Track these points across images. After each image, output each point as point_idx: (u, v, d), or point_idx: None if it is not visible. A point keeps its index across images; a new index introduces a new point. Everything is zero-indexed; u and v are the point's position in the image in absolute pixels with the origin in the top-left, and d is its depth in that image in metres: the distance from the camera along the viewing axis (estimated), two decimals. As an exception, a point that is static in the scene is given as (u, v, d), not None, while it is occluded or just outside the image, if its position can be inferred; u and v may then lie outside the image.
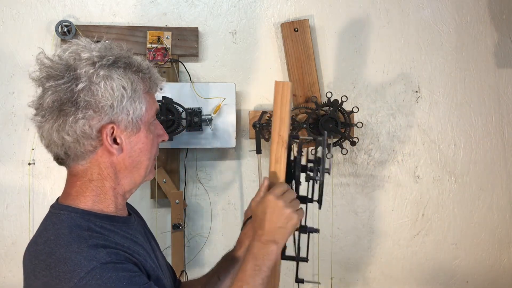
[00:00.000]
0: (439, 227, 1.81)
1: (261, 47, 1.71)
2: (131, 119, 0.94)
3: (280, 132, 1.09)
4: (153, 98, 1.01)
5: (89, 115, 0.91)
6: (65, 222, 0.94)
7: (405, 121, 1.78)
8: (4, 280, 1.62)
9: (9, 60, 1.61)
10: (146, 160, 1.00)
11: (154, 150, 1.02)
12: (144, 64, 0.98)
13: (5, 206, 1.62)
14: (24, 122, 1.62)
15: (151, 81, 0.99)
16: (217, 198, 1.71)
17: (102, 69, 0.91)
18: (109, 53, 0.94)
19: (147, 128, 0.98)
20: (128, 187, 1.01)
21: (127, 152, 0.97)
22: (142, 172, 1.01)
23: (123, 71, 0.93)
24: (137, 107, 0.95)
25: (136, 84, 0.95)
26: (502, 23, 1.80)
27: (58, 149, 0.96)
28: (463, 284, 1.83)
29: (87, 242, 0.89)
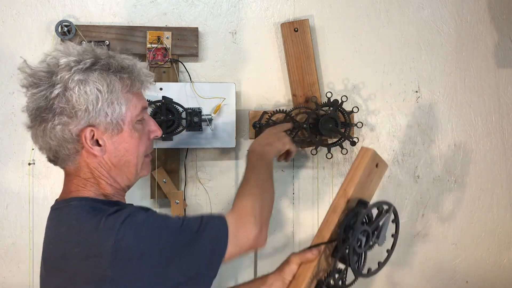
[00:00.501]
0: (439, 227, 1.81)
1: (261, 47, 1.71)
2: (110, 120, 0.96)
3: (346, 188, 1.12)
4: (138, 96, 1.01)
5: (65, 120, 0.94)
6: (79, 207, 0.96)
7: (405, 121, 1.78)
8: (4, 280, 1.62)
9: (9, 60, 1.61)
10: (133, 159, 1.01)
11: (142, 147, 1.03)
12: (125, 63, 0.99)
13: (5, 206, 1.62)
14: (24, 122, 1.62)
15: (133, 79, 0.99)
16: (217, 198, 1.71)
17: (77, 73, 0.93)
18: (87, 56, 0.95)
19: (131, 127, 1.00)
20: (123, 183, 1.04)
21: (111, 152, 0.99)
22: (132, 169, 1.02)
23: (99, 73, 0.95)
24: (116, 108, 0.96)
25: (113, 85, 0.96)
26: (502, 23, 1.80)
27: (47, 152, 1.00)
28: (463, 284, 1.83)
29: (110, 209, 0.93)
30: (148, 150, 1.06)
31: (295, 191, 1.74)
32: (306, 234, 1.75)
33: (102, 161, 0.99)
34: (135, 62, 1.01)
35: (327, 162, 1.73)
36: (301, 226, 1.74)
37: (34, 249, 1.62)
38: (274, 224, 1.73)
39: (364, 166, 1.12)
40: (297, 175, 1.74)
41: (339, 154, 1.69)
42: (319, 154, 1.69)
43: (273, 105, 1.71)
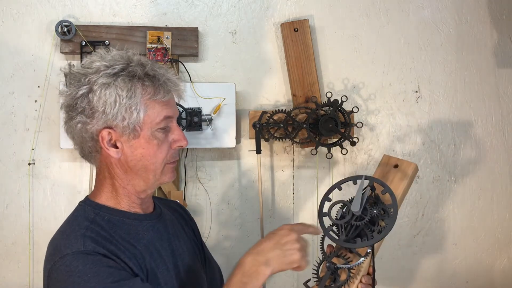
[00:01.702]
0: (439, 227, 1.81)
1: (261, 47, 1.71)
2: (127, 125, 1.00)
3: None
4: (163, 105, 1.03)
5: (84, 120, 1.00)
6: (77, 212, 1.05)
7: (405, 121, 1.78)
8: (4, 280, 1.62)
9: (9, 60, 1.61)
10: (150, 165, 1.04)
11: (161, 155, 1.04)
12: (152, 72, 1.02)
13: (5, 206, 1.62)
14: (24, 122, 1.62)
15: (157, 87, 1.02)
16: (217, 198, 1.71)
17: (104, 77, 0.98)
18: (119, 62, 1.01)
19: (149, 134, 1.02)
20: (139, 188, 1.06)
21: (127, 155, 1.03)
22: (149, 175, 1.05)
23: (122, 79, 0.99)
24: (133, 113, 1.00)
25: (133, 91, 0.99)
26: (502, 23, 1.80)
27: (76, 146, 1.07)
28: (463, 284, 1.83)
29: (78, 231, 0.99)
30: (171, 158, 1.07)
31: (295, 191, 1.74)
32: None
33: (119, 162, 1.03)
34: (163, 72, 1.04)
35: (327, 162, 1.73)
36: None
37: (34, 249, 1.63)
38: (274, 224, 1.73)
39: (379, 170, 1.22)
40: (297, 175, 1.74)
41: (339, 154, 1.69)
42: (319, 154, 1.69)
43: (273, 105, 1.71)
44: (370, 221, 1.11)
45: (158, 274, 1.04)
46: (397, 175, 1.19)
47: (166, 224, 1.15)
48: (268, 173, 1.73)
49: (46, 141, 1.62)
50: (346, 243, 1.11)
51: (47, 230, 1.63)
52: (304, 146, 1.68)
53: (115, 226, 1.03)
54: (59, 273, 0.94)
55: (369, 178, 1.14)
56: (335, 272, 1.12)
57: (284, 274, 1.74)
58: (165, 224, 1.14)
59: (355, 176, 1.16)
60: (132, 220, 1.06)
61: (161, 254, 1.07)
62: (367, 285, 1.11)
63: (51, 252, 0.98)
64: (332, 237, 1.13)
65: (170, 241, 1.12)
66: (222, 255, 1.69)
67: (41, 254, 1.61)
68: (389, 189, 1.12)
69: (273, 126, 1.61)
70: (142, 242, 1.04)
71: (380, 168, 1.23)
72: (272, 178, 1.73)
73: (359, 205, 1.09)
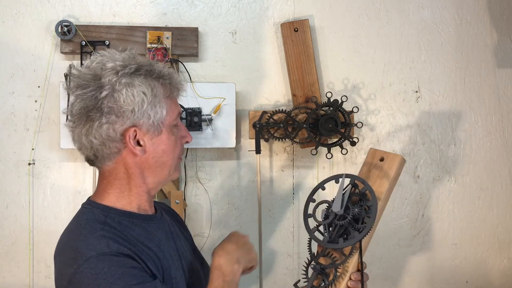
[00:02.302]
0: (439, 227, 1.81)
1: (261, 47, 1.71)
2: (152, 122, 1.02)
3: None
4: (175, 102, 1.08)
5: (112, 119, 1.00)
6: (85, 215, 1.04)
7: (405, 121, 1.78)
8: (4, 280, 1.62)
9: (9, 60, 1.61)
10: (169, 160, 1.07)
11: (177, 150, 1.08)
12: (165, 71, 1.05)
13: (5, 206, 1.62)
14: (24, 122, 1.62)
15: (172, 86, 1.07)
16: (217, 198, 1.71)
17: (124, 77, 1.00)
18: (132, 62, 1.03)
19: (169, 130, 1.05)
20: (152, 185, 1.08)
21: (150, 153, 1.04)
22: (165, 171, 1.07)
23: (144, 78, 1.01)
24: (158, 111, 1.02)
25: (156, 89, 1.02)
26: (502, 23, 1.80)
27: (88, 151, 1.04)
28: (463, 284, 1.83)
29: (96, 233, 0.97)
30: (181, 154, 1.12)
31: (295, 191, 1.74)
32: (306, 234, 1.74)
33: (139, 161, 1.04)
34: (171, 71, 1.08)
35: (327, 162, 1.73)
36: (301, 226, 1.74)
37: (34, 249, 1.63)
38: (274, 224, 1.73)
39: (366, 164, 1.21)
40: (297, 175, 1.74)
41: (339, 154, 1.69)
42: (319, 154, 1.69)
43: (273, 105, 1.71)
44: (354, 219, 1.10)
45: (171, 274, 1.05)
46: (383, 170, 1.18)
47: (168, 224, 1.15)
48: (268, 173, 1.73)
49: (46, 141, 1.62)
50: (329, 244, 1.11)
51: (47, 230, 1.63)
52: (304, 146, 1.68)
53: (126, 227, 1.02)
54: (84, 276, 0.92)
55: (350, 176, 1.14)
56: (322, 272, 1.12)
57: (284, 274, 1.74)
58: (167, 225, 1.14)
59: (336, 175, 1.16)
60: (141, 221, 1.05)
61: (170, 254, 1.08)
62: (356, 281, 1.12)
63: (71, 256, 0.95)
64: (316, 238, 1.14)
65: (174, 241, 1.13)
66: (222, 255, 1.69)
67: (41, 254, 1.62)
68: (369, 186, 1.11)
69: (273, 126, 1.61)
70: (154, 243, 1.05)
71: (367, 163, 1.22)
72: (272, 178, 1.73)
73: (340, 205, 1.10)
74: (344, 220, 1.10)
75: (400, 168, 1.19)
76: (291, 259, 1.75)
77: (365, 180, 1.13)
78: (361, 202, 1.12)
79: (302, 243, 1.75)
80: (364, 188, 1.12)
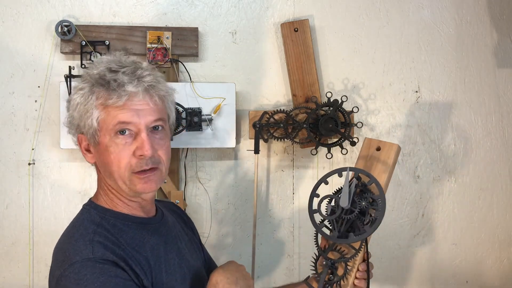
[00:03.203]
0: (439, 227, 1.81)
1: (261, 47, 1.71)
2: (87, 130, 1.01)
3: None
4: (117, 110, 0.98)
5: (68, 125, 1.05)
6: (83, 215, 1.05)
7: (405, 121, 1.78)
8: (4, 280, 1.62)
9: (9, 60, 1.61)
10: (114, 172, 1.01)
11: (121, 162, 0.99)
12: (108, 76, 0.98)
13: (5, 206, 1.62)
14: (24, 122, 1.62)
15: (110, 93, 0.98)
16: (217, 198, 1.71)
17: (79, 83, 1.02)
18: (95, 68, 1.01)
19: (106, 140, 0.99)
20: (123, 192, 1.04)
21: (98, 161, 1.05)
22: (118, 183, 1.02)
23: (87, 84, 1.00)
24: (88, 119, 1.00)
25: (88, 96, 1.00)
26: (502, 23, 1.80)
27: None
28: (463, 284, 1.83)
29: (87, 236, 0.98)
30: (137, 167, 1.00)
31: (295, 191, 1.74)
32: (306, 234, 1.74)
33: (98, 167, 1.07)
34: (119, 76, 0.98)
35: (327, 162, 1.73)
36: (301, 226, 1.74)
37: (34, 249, 1.63)
38: (274, 224, 1.73)
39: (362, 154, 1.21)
40: (297, 175, 1.74)
41: (339, 154, 1.69)
42: (319, 154, 1.69)
43: (273, 105, 1.71)
44: (360, 212, 1.11)
45: (163, 279, 1.04)
46: (380, 160, 1.19)
47: (169, 226, 1.14)
48: (268, 173, 1.73)
49: (46, 141, 1.62)
50: (339, 239, 1.11)
51: (47, 230, 1.63)
52: (304, 146, 1.68)
53: (120, 231, 1.02)
54: (68, 280, 0.93)
55: (354, 169, 1.14)
56: (332, 267, 1.13)
57: (284, 274, 1.74)
58: (168, 227, 1.14)
59: (340, 169, 1.15)
60: (136, 224, 1.05)
61: (167, 257, 1.07)
62: (363, 272, 1.13)
63: (61, 259, 0.97)
64: (325, 234, 1.14)
65: (174, 242, 1.12)
66: (222, 255, 1.69)
67: (41, 254, 1.62)
68: (375, 180, 1.11)
69: (273, 126, 1.61)
70: (147, 247, 1.04)
71: (363, 153, 1.22)
72: (272, 178, 1.73)
73: (348, 200, 1.09)
74: (352, 214, 1.10)
75: (397, 156, 1.19)
76: (291, 259, 1.75)
77: (370, 174, 1.12)
78: (365, 195, 1.12)
79: (302, 243, 1.75)
80: (370, 181, 1.11)
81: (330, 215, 1.13)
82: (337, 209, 1.11)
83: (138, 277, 0.98)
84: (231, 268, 1.07)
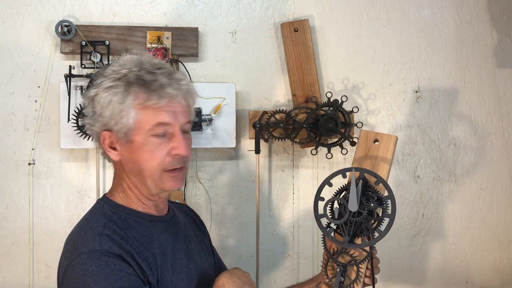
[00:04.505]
0: (439, 227, 1.81)
1: (261, 47, 1.71)
2: (119, 129, 1.01)
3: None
4: (156, 111, 1.01)
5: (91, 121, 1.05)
6: (96, 209, 1.07)
7: (405, 121, 1.78)
8: (4, 280, 1.62)
9: (9, 60, 1.61)
10: (145, 171, 1.03)
11: (155, 161, 1.02)
12: (148, 77, 1.01)
13: (5, 206, 1.62)
14: (24, 122, 1.62)
15: (150, 94, 1.00)
16: (217, 198, 1.71)
17: (109, 81, 1.01)
18: (126, 67, 1.03)
19: (141, 140, 1.01)
20: (144, 191, 1.07)
21: (125, 159, 1.05)
22: (147, 181, 1.04)
23: (121, 83, 1.01)
24: (124, 118, 1.01)
25: (125, 96, 1.00)
26: (502, 23, 1.80)
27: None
28: (463, 284, 1.83)
29: (96, 228, 1.00)
30: (168, 166, 1.03)
31: (295, 191, 1.74)
32: (306, 234, 1.75)
33: (123, 164, 1.06)
34: (161, 77, 1.02)
35: (327, 162, 1.73)
36: (301, 226, 1.74)
37: (34, 249, 1.62)
38: (274, 224, 1.73)
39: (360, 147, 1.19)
40: (297, 175, 1.74)
41: (339, 154, 1.69)
42: (319, 154, 1.69)
43: (273, 105, 1.71)
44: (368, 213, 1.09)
45: (168, 278, 1.05)
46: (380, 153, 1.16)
47: (180, 226, 1.15)
48: (268, 173, 1.73)
49: (46, 141, 1.62)
50: (351, 244, 1.09)
51: (47, 230, 1.63)
52: (304, 146, 1.68)
53: (130, 226, 1.03)
54: (74, 270, 0.96)
55: (360, 169, 1.12)
56: (343, 270, 1.12)
57: (284, 274, 1.74)
58: (178, 226, 1.14)
59: (344, 169, 1.12)
60: (147, 222, 1.06)
61: (175, 256, 1.08)
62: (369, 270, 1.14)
63: (70, 249, 1.00)
64: (336, 240, 1.11)
65: (183, 243, 1.13)
66: (222, 255, 1.68)
67: (41, 254, 1.62)
68: (382, 180, 1.09)
69: (273, 126, 1.61)
70: (156, 245, 1.05)
71: (360, 145, 1.19)
72: (272, 178, 1.73)
73: (357, 203, 1.07)
74: (360, 216, 1.08)
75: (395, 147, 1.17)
76: (291, 259, 1.75)
77: (377, 174, 1.10)
78: (369, 193, 1.10)
79: (302, 243, 1.75)
80: (377, 181, 1.09)
81: (337, 218, 1.10)
82: (345, 213, 1.09)
83: (143, 273, 0.99)
84: (237, 273, 1.08)
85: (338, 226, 1.12)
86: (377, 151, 1.17)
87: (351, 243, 1.10)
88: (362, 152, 1.19)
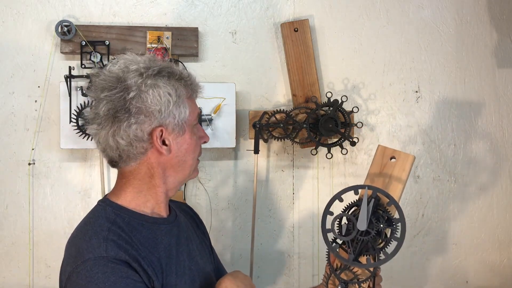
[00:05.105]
0: (439, 227, 1.81)
1: (261, 47, 1.71)
2: (177, 122, 1.05)
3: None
4: (195, 103, 1.11)
5: (141, 119, 1.01)
6: (97, 212, 1.06)
7: (405, 121, 1.78)
8: (4, 280, 1.62)
9: (9, 60, 1.61)
10: (190, 160, 1.09)
11: (197, 150, 1.11)
12: (185, 73, 1.09)
13: (5, 206, 1.62)
14: (24, 122, 1.62)
15: (192, 87, 1.09)
16: (216, 198, 1.71)
17: (149, 78, 1.02)
18: (153, 64, 1.05)
19: (190, 130, 1.08)
20: (172, 185, 1.10)
21: (174, 152, 1.06)
22: (186, 171, 1.10)
23: (167, 79, 1.04)
24: (182, 111, 1.05)
25: (179, 90, 1.05)
26: (502, 23, 1.80)
27: (113, 152, 1.05)
28: (463, 284, 1.83)
29: (101, 233, 0.99)
30: (200, 154, 1.13)
31: (295, 191, 1.74)
32: (306, 234, 1.75)
33: (163, 160, 1.06)
34: (190, 73, 1.11)
35: (327, 162, 1.73)
36: (301, 226, 1.74)
37: (34, 249, 1.63)
38: (274, 224, 1.73)
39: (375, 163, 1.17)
40: (297, 175, 1.74)
41: (339, 154, 1.69)
42: (319, 154, 1.69)
43: (273, 105, 1.71)
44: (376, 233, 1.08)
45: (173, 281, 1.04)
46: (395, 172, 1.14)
47: (182, 227, 1.15)
48: (268, 173, 1.73)
49: (46, 141, 1.62)
50: (356, 263, 1.08)
51: (47, 230, 1.63)
52: (304, 146, 1.68)
53: (134, 229, 1.03)
54: (79, 277, 0.95)
55: (373, 188, 1.09)
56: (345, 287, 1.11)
57: (284, 274, 1.74)
58: (180, 228, 1.14)
59: (356, 186, 1.10)
60: (151, 224, 1.06)
61: (179, 258, 1.08)
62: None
63: (73, 255, 0.98)
64: (341, 257, 1.10)
65: (186, 244, 1.13)
66: (221, 255, 1.69)
67: (41, 254, 1.62)
68: (395, 201, 1.07)
69: (273, 126, 1.61)
70: (160, 248, 1.05)
71: (376, 161, 1.17)
72: (272, 178, 1.73)
73: (366, 222, 1.06)
74: (368, 236, 1.07)
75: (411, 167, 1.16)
76: (291, 259, 1.75)
77: (390, 195, 1.08)
78: (379, 212, 1.09)
79: (302, 243, 1.75)
80: (389, 202, 1.08)
81: (344, 235, 1.09)
82: (353, 230, 1.07)
83: (149, 279, 0.99)
84: (240, 276, 1.11)
85: (344, 241, 1.11)
86: (393, 169, 1.15)
87: (355, 261, 1.08)
88: (377, 169, 1.16)
